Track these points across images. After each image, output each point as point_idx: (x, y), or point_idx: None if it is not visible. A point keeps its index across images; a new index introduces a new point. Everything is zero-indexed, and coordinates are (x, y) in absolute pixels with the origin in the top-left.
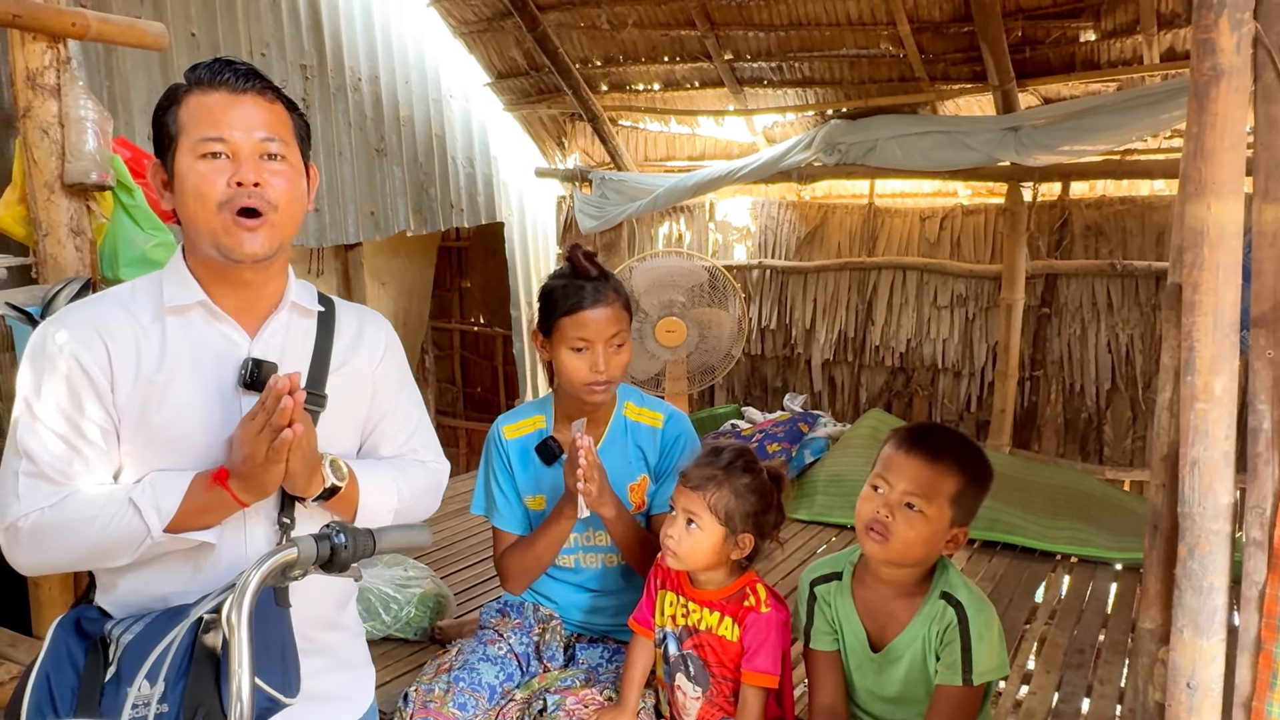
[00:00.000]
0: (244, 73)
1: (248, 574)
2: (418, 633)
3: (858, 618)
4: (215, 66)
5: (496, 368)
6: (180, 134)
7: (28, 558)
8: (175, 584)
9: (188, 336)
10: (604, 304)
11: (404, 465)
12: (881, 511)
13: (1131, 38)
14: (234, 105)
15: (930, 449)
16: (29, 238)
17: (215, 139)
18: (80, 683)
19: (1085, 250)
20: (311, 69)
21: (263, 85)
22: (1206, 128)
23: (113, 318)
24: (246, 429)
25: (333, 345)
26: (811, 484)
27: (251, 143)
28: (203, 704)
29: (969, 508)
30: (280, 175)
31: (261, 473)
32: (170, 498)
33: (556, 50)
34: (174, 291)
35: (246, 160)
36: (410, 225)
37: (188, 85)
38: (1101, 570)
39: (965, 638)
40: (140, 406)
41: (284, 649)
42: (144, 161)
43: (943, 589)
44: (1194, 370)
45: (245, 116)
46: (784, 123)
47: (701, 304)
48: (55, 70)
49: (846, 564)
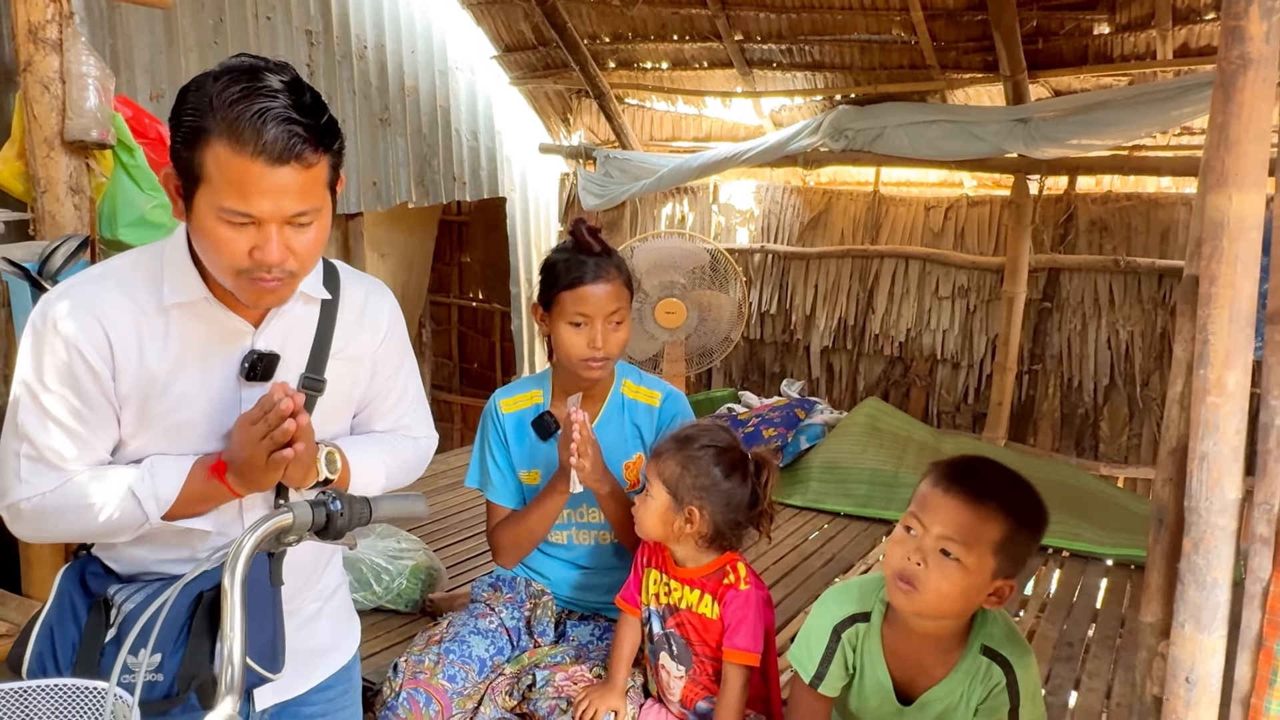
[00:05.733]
0: (286, 142)
1: (243, 538)
2: (409, 605)
3: (884, 665)
4: (256, 120)
5: (494, 344)
6: (204, 183)
7: (30, 532)
8: (173, 559)
9: (191, 327)
10: (605, 280)
11: (394, 442)
12: (913, 558)
13: (1145, 32)
14: (269, 177)
15: (973, 489)
16: (27, 194)
17: (243, 215)
18: (82, 640)
19: (1089, 245)
20: (317, 35)
21: (305, 147)
22: (1232, 118)
23: (113, 304)
24: (247, 434)
25: (335, 330)
26: (806, 470)
27: (282, 216)
28: (197, 675)
29: (1017, 557)
30: (306, 236)
31: (259, 475)
32: (169, 487)
33: (565, 25)
34: (176, 288)
35: (274, 236)
36: (412, 197)
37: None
38: (1093, 565)
39: (1014, 699)
40: (143, 394)
41: (274, 626)
42: (145, 121)
43: (984, 642)
44: (1207, 364)
45: (280, 190)
46: (791, 106)
47: (702, 286)
48: (58, 24)
49: (875, 601)
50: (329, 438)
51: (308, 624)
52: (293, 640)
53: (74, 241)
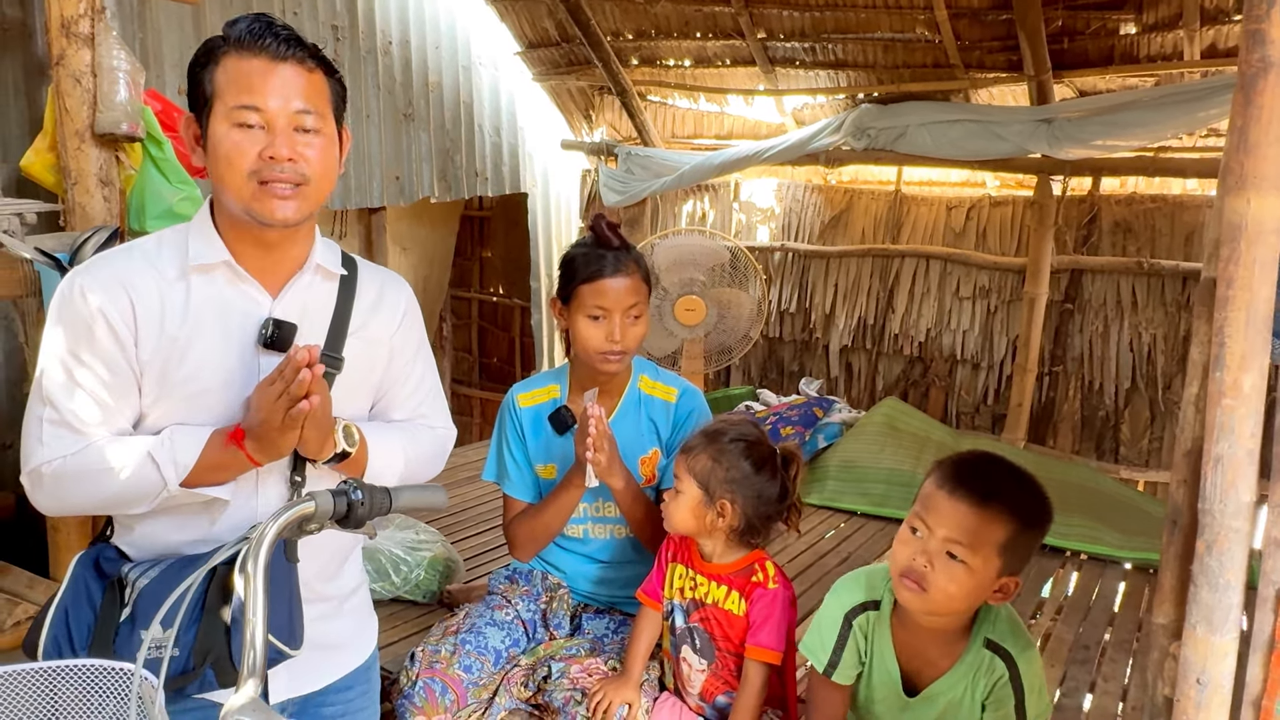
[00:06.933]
0: (285, 38)
1: (265, 525)
2: (426, 595)
3: (893, 655)
4: (255, 29)
5: (514, 339)
6: (215, 96)
7: (49, 501)
8: (190, 534)
9: (211, 295)
10: (624, 274)
11: (413, 430)
12: (919, 559)
13: (1173, 32)
14: (272, 73)
15: (978, 490)
16: (58, 185)
17: (250, 108)
18: (96, 620)
19: (1112, 247)
20: (343, 30)
21: (303, 52)
22: (1252, 121)
23: (138, 272)
24: (264, 394)
25: (353, 308)
26: (823, 469)
27: (287, 114)
28: (211, 650)
29: (1022, 556)
30: (313, 147)
31: (277, 437)
32: (188, 453)
33: (588, 21)
34: (199, 250)
35: (281, 133)
36: (434, 192)
37: (226, 44)
38: (1110, 569)
39: (1019, 693)
40: (162, 361)
41: (290, 602)
42: (174, 115)
43: (987, 635)
44: (1223, 366)
45: (283, 85)
46: (814, 105)
47: (722, 284)
48: (90, 19)
49: (884, 589)
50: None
51: (327, 620)
52: (311, 635)
53: (104, 233)
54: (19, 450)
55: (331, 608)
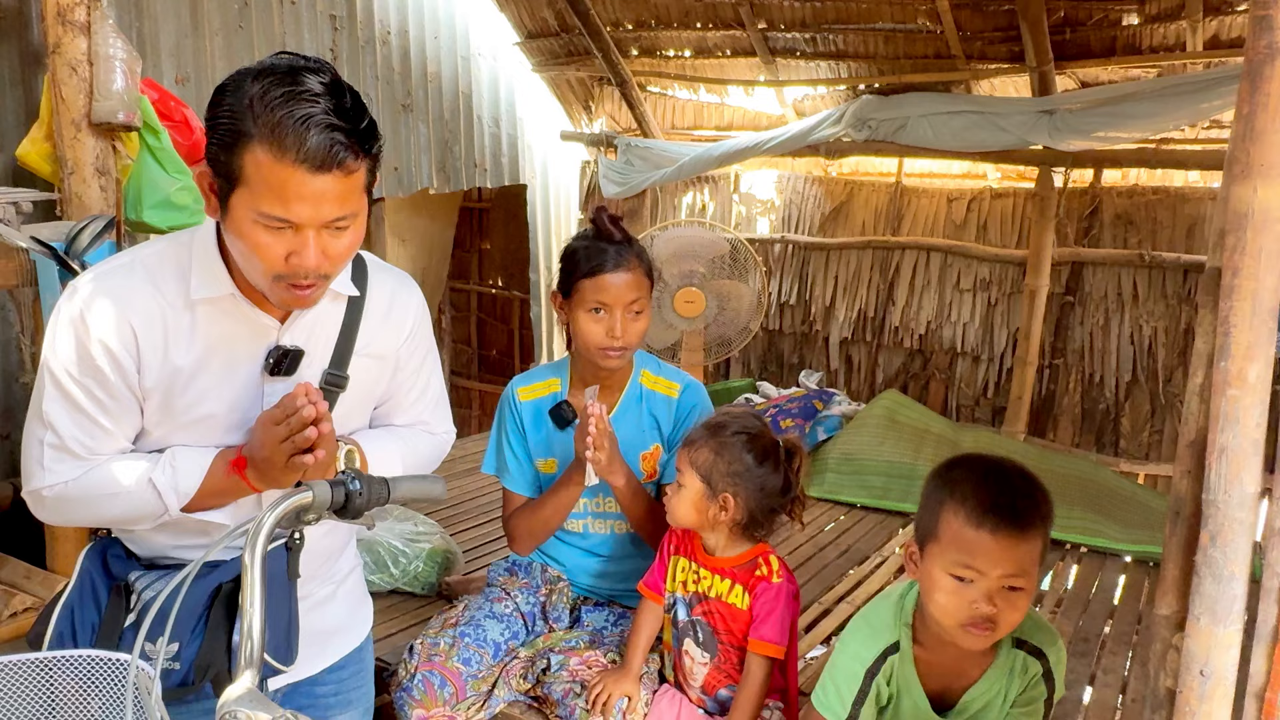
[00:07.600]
0: (328, 150)
1: (263, 515)
2: (425, 587)
3: (920, 687)
4: (298, 127)
5: (513, 331)
6: (242, 185)
7: (51, 517)
8: (190, 545)
9: (217, 323)
10: (625, 268)
11: (412, 437)
12: (982, 606)
13: (1175, 23)
14: (310, 184)
15: (1017, 523)
16: (54, 175)
17: (281, 220)
18: (101, 622)
19: (1114, 239)
20: (341, 20)
21: (345, 156)
22: (1258, 108)
23: (141, 295)
24: (269, 434)
25: (360, 327)
26: (823, 462)
27: (320, 222)
28: (212, 665)
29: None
30: (343, 240)
31: (279, 474)
32: (189, 480)
33: (588, 11)
34: (204, 283)
35: (311, 242)
36: (433, 183)
37: (258, 131)
38: (1111, 561)
39: (1051, 686)
40: (166, 389)
41: (289, 622)
42: (171, 104)
43: (1015, 635)
44: (1228, 356)
45: (320, 196)
46: (814, 96)
47: (722, 276)
48: (85, 7)
49: (901, 628)
50: (348, 433)
51: (321, 606)
52: (305, 622)
53: (100, 222)
54: (16, 441)
55: (326, 595)
